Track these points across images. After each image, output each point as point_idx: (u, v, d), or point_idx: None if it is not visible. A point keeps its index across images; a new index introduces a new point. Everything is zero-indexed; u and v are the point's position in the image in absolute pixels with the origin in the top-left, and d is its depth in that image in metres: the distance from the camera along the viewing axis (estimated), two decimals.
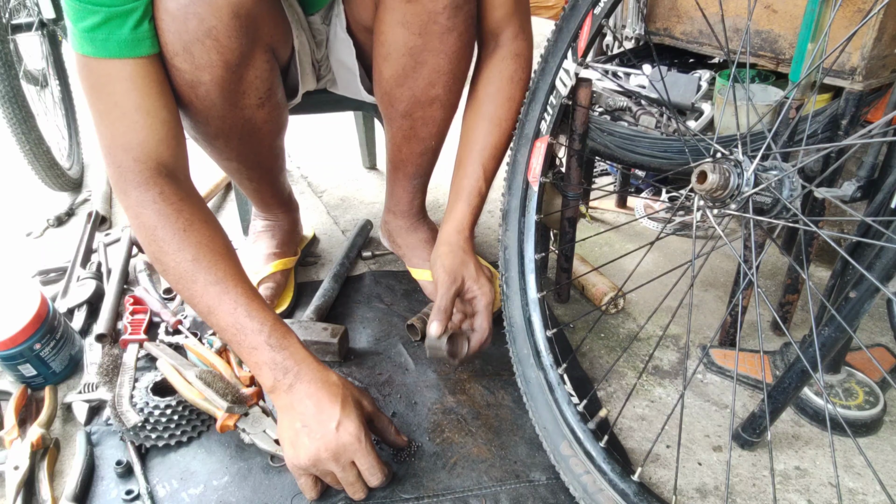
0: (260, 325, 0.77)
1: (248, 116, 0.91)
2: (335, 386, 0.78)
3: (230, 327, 0.77)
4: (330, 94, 1.16)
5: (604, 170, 1.64)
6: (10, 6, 1.48)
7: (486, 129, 0.98)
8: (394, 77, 0.95)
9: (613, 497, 0.75)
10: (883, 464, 0.86)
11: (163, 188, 0.78)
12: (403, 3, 0.85)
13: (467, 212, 0.97)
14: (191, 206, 0.80)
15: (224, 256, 0.80)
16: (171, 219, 0.78)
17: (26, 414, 0.95)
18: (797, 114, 0.83)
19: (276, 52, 0.92)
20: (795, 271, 0.98)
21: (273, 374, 0.77)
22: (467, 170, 0.98)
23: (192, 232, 0.78)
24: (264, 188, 1.15)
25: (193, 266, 0.77)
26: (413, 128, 1.02)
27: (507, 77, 0.97)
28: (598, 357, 1.07)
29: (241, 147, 0.97)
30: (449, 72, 0.94)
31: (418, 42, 0.89)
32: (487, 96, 0.98)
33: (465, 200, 0.97)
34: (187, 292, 0.78)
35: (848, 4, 0.87)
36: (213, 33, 0.77)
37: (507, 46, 0.96)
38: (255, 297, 0.79)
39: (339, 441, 0.75)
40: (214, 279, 0.77)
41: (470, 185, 0.97)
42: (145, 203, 0.78)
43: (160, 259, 0.79)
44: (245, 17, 0.79)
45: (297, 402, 0.77)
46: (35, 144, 1.46)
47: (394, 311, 1.17)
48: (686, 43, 1.13)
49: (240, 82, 0.85)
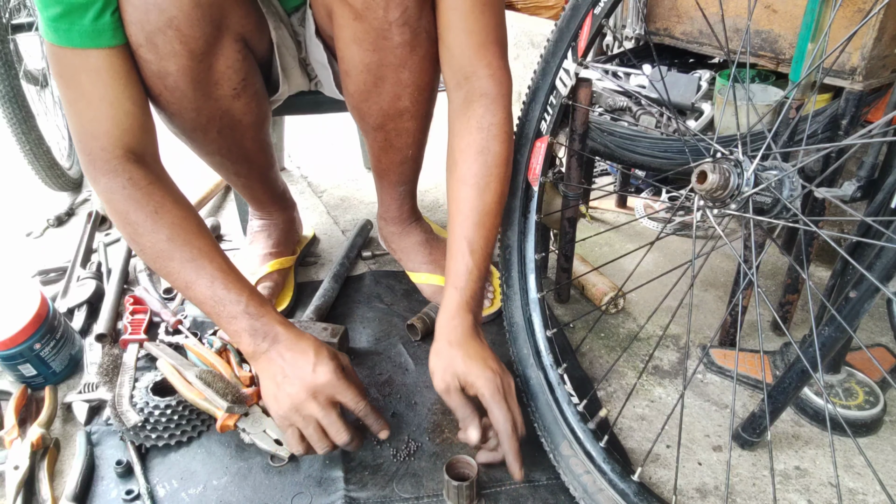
0: (237, 296, 0.81)
1: (224, 107, 0.91)
2: (309, 340, 0.83)
3: (208, 300, 0.81)
4: (325, 95, 1.16)
5: (604, 170, 1.64)
6: (10, 6, 1.48)
7: (464, 194, 0.86)
8: (358, 92, 0.94)
9: (613, 497, 0.75)
10: (883, 464, 0.86)
11: (131, 174, 0.80)
12: (351, 20, 0.84)
13: (457, 298, 0.84)
14: (161, 189, 0.82)
15: (197, 234, 0.82)
16: (141, 203, 0.80)
17: (26, 414, 0.95)
18: (797, 114, 0.83)
19: (250, 43, 0.91)
20: (795, 271, 0.98)
21: (253, 339, 0.81)
22: (453, 248, 0.87)
23: (164, 213, 0.81)
24: (254, 184, 1.15)
25: (169, 245, 0.80)
26: (388, 139, 1.01)
27: (475, 126, 0.86)
28: (598, 357, 1.07)
29: (221, 140, 0.97)
30: (412, 84, 0.91)
31: (374, 58, 0.87)
32: (460, 153, 0.88)
33: (452, 285, 0.85)
34: (165, 269, 0.82)
35: (848, 4, 0.87)
36: (174, 23, 0.77)
37: (472, 89, 0.87)
38: (231, 270, 0.83)
39: (317, 380, 0.79)
40: (190, 256, 0.80)
41: (456, 267, 0.85)
42: (114, 189, 0.80)
43: (135, 240, 0.81)
44: (207, 6, 0.79)
45: (275, 359, 0.81)
46: (35, 144, 1.46)
47: (394, 311, 1.17)
48: (686, 43, 1.13)
49: (209, 72, 0.86)
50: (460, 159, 0.88)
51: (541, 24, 1.72)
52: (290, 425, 0.80)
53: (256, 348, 0.81)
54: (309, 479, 0.85)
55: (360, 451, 0.88)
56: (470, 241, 0.85)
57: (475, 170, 0.86)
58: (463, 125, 0.88)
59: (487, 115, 0.86)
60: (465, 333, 0.82)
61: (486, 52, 0.85)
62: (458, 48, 0.86)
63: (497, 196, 0.87)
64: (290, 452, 0.86)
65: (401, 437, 0.91)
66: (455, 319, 0.83)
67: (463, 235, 0.85)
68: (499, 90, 0.87)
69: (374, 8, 0.81)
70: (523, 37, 1.77)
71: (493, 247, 0.88)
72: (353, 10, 0.82)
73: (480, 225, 0.86)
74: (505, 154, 0.87)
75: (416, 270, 1.21)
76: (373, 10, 0.81)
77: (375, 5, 0.81)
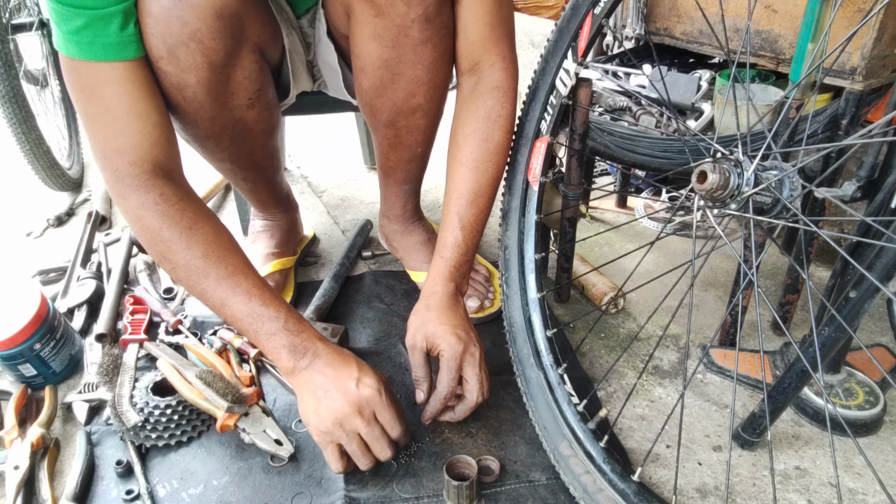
0: (276, 313, 0.80)
1: (238, 117, 0.91)
2: (351, 357, 0.83)
3: (246, 317, 0.80)
4: (328, 95, 1.16)
5: (604, 170, 1.64)
6: (10, 6, 1.48)
7: (462, 175, 0.92)
8: (373, 89, 0.94)
9: (613, 497, 0.75)
10: (883, 464, 0.86)
11: (162, 190, 0.79)
12: (372, 17, 0.83)
13: (442, 266, 0.91)
14: (192, 206, 0.81)
15: (231, 251, 0.82)
16: (175, 219, 0.79)
17: (26, 414, 0.95)
18: (797, 114, 0.83)
19: (265, 52, 0.91)
20: (795, 271, 0.98)
21: (292, 356, 0.80)
22: (444, 221, 0.93)
23: (198, 230, 0.80)
24: (260, 188, 1.15)
25: (204, 262, 0.79)
26: (398, 136, 1.01)
27: (482, 115, 0.91)
28: (598, 357, 1.07)
29: (233, 148, 0.97)
30: (428, 81, 0.92)
31: (392, 55, 0.87)
32: (464, 139, 0.92)
33: (439, 255, 0.92)
34: (199, 287, 0.80)
35: (848, 4, 0.87)
36: (197, 36, 0.76)
37: (484, 79, 0.91)
38: (267, 288, 0.82)
39: (361, 395, 0.78)
40: (226, 273, 0.80)
41: (445, 238, 0.92)
42: (147, 205, 0.78)
43: (168, 258, 0.80)
44: (229, 17, 0.78)
45: (315, 376, 0.80)
46: (35, 144, 1.46)
47: (394, 311, 1.17)
48: (686, 43, 1.13)
49: (227, 83, 0.85)
50: (463, 144, 0.92)
51: (541, 24, 1.72)
52: (332, 441, 0.80)
53: (296, 364, 0.80)
54: (309, 479, 0.84)
55: None
56: (461, 217, 0.91)
57: (476, 155, 0.91)
58: (471, 113, 0.92)
59: (497, 107, 0.91)
60: (444, 300, 0.89)
61: (503, 44, 0.90)
62: (476, 39, 0.88)
63: (492, 179, 0.93)
64: (289, 453, 0.86)
65: None
66: (437, 286, 0.90)
67: (455, 211, 0.91)
68: (510, 84, 0.92)
69: (396, 4, 0.81)
70: (523, 37, 1.77)
71: (483, 225, 0.94)
72: (374, 6, 0.82)
73: (473, 204, 0.91)
74: (506, 142, 0.94)
75: (417, 269, 1.21)
76: (395, 6, 0.81)
77: (398, 2, 0.81)
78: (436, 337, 0.86)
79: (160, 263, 0.83)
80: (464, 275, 0.93)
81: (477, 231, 0.93)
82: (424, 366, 0.88)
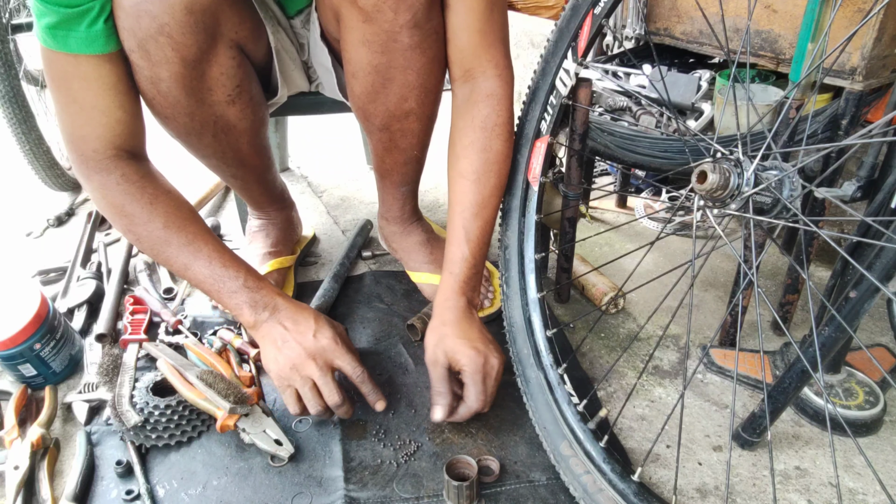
0: (236, 273, 0.87)
1: (219, 113, 0.91)
2: (308, 309, 0.90)
3: (208, 278, 0.86)
4: (326, 96, 1.16)
5: (604, 170, 1.64)
6: (10, 6, 1.48)
7: (463, 187, 0.92)
8: (365, 94, 0.93)
9: (613, 497, 0.75)
10: (883, 464, 0.86)
11: (124, 170, 0.84)
12: (361, 22, 0.83)
13: (451, 281, 0.91)
14: (153, 182, 0.87)
15: (191, 220, 0.88)
16: (136, 196, 0.85)
17: (26, 414, 0.95)
18: (797, 114, 0.83)
19: (246, 49, 0.91)
20: (795, 271, 0.98)
21: (253, 311, 0.87)
22: (450, 235, 0.93)
23: (158, 203, 0.86)
24: (251, 186, 1.15)
25: (165, 233, 0.85)
26: (392, 140, 1.01)
27: (479, 125, 0.90)
28: (598, 357, 1.07)
29: (216, 144, 0.97)
30: (420, 86, 0.91)
31: (382, 60, 0.86)
32: (463, 150, 0.92)
33: (448, 270, 0.92)
34: (163, 255, 0.87)
35: (848, 4, 0.87)
36: (165, 30, 0.78)
37: (478, 87, 0.90)
38: (227, 251, 0.89)
39: (318, 344, 0.86)
40: (186, 240, 0.86)
41: (453, 253, 0.92)
42: (108, 185, 0.84)
43: (132, 230, 0.86)
44: (200, 13, 0.79)
45: (276, 326, 0.87)
46: (35, 144, 1.46)
47: (394, 311, 1.17)
48: (686, 43, 1.13)
49: (203, 79, 0.86)
50: (462, 155, 0.92)
51: (541, 24, 1.72)
52: (288, 385, 0.86)
53: (257, 318, 0.87)
54: (309, 479, 0.85)
55: (360, 451, 0.88)
56: (467, 230, 0.91)
57: (476, 166, 0.91)
58: (467, 123, 0.91)
59: (492, 116, 0.90)
60: (458, 314, 0.89)
61: (495, 50, 0.89)
62: (467, 46, 0.88)
63: (495, 189, 0.93)
64: (289, 453, 0.87)
65: (401, 437, 0.91)
66: (449, 301, 0.91)
67: (461, 225, 0.92)
68: (504, 91, 0.91)
69: (383, 10, 0.81)
70: (523, 37, 1.77)
71: (489, 236, 0.94)
72: (362, 12, 0.82)
73: (477, 216, 0.92)
74: (506, 151, 0.93)
75: (416, 270, 1.21)
76: (383, 12, 0.81)
77: (385, 7, 0.80)
78: (455, 352, 0.86)
79: (125, 235, 0.88)
80: (474, 287, 0.93)
81: (484, 242, 0.93)
82: (446, 381, 0.88)
